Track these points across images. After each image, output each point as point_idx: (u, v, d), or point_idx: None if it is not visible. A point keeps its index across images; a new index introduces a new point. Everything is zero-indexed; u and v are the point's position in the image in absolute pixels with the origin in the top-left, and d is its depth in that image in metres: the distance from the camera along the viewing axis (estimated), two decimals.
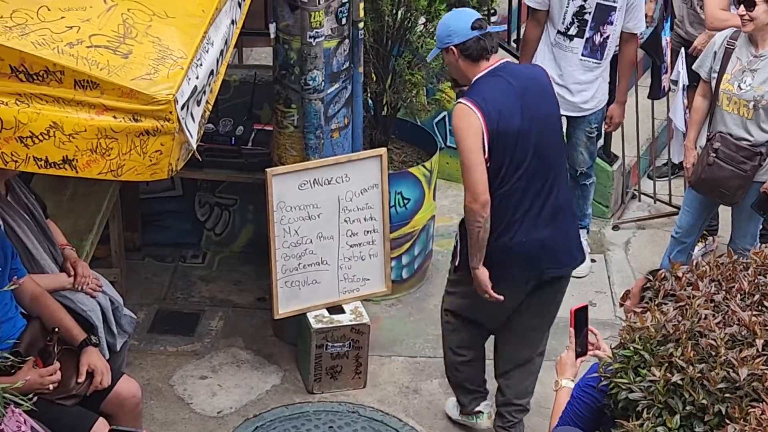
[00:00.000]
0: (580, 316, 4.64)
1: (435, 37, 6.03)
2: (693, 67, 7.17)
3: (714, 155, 6.79)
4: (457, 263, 5.98)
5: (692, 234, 7.20)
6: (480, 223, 5.68)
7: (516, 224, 5.77)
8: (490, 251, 5.76)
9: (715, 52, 6.87)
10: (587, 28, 7.21)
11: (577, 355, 4.66)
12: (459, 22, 5.81)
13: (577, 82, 7.29)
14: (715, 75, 6.83)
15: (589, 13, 7.17)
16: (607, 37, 7.25)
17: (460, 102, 5.71)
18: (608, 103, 7.54)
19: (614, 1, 7.17)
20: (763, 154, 6.73)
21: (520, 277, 5.90)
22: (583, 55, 7.27)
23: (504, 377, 6.24)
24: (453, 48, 5.78)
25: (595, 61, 7.29)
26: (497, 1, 7.34)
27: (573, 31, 7.20)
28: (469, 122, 5.66)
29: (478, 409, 6.41)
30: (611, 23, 7.23)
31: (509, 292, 5.85)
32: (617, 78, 7.49)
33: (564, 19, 7.18)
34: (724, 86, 6.77)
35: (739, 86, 6.71)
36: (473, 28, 5.75)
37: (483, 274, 5.78)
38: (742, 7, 6.58)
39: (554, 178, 5.81)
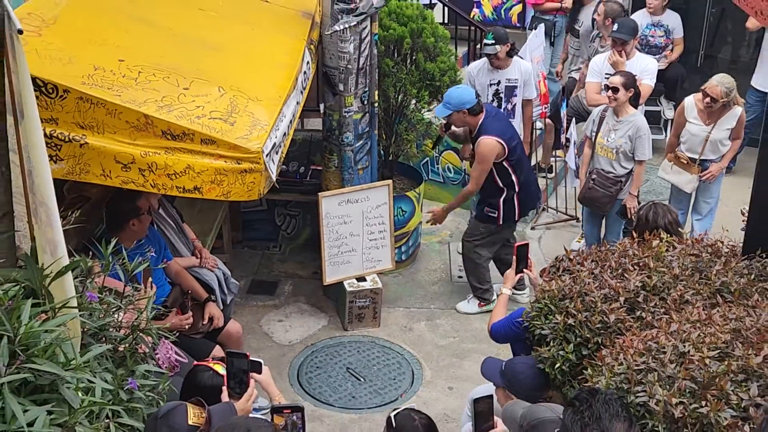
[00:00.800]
0: (522, 250, 4.69)
1: (447, 102, 6.21)
2: (583, 128, 7.16)
3: (592, 182, 6.79)
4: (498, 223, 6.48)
5: (595, 235, 7.16)
6: (472, 194, 6.44)
7: (523, 186, 6.38)
8: (519, 201, 6.43)
9: (594, 120, 6.87)
10: (503, 102, 7.20)
11: (516, 273, 4.69)
12: (469, 95, 6.22)
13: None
14: (594, 133, 6.82)
15: (502, 92, 7.18)
16: (515, 105, 7.25)
17: (488, 138, 6.15)
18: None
19: (515, 82, 7.17)
20: (623, 182, 6.72)
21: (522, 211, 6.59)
22: None
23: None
24: (465, 110, 6.14)
25: (511, 119, 7.23)
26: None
27: (495, 104, 7.17)
28: (492, 150, 6.17)
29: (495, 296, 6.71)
30: (515, 95, 7.22)
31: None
32: (522, 128, 7.44)
33: (488, 99, 7.17)
34: (599, 140, 6.77)
35: (607, 139, 6.71)
36: (476, 96, 6.21)
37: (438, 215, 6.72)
38: (610, 91, 6.59)
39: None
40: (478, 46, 8.61)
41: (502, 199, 6.42)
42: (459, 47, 8.60)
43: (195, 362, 4.07)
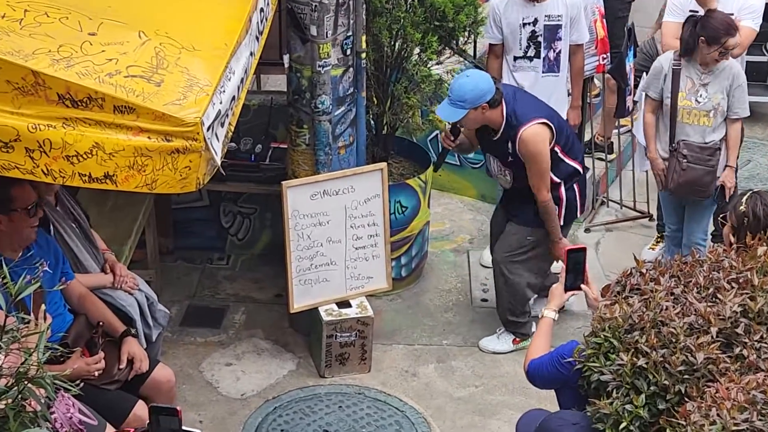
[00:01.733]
0: (573, 257, 4.70)
1: (458, 99, 6.21)
2: (640, 88, 7.20)
3: (685, 161, 6.82)
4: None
5: (680, 228, 7.21)
6: (552, 206, 6.47)
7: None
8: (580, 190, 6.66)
9: (666, 75, 6.88)
10: (542, 48, 7.22)
11: (566, 289, 4.71)
12: (487, 83, 6.26)
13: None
14: (669, 94, 6.84)
15: (540, 35, 7.19)
16: (559, 51, 7.27)
17: (530, 126, 6.26)
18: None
19: (559, 19, 7.19)
20: (720, 148, 6.80)
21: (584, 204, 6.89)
22: (543, 72, 7.27)
23: None
24: (485, 104, 6.20)
25: (554, 74, 7.30)
26: (481, 32, 7.33)
27: (531, 53, 7.20)
28: (544, 139, 6.31)
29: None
30: (560, 39, 7.24)
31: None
32: (570, 85, 7.50)
33: (520, 45, 7.18)
34: (682, 103, 6.79)
35: (696, 100, 6.74)
36: (494, 83, 6.25)
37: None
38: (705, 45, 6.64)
39: None
40: None
41: (564, 189, 6.54)
42: None
43: (108, 425, 4.07)
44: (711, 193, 6.90)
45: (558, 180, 6.49)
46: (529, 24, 7.16)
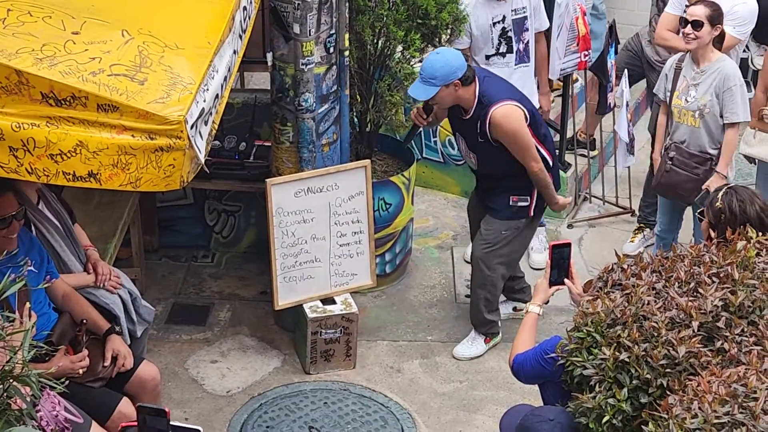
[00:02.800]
0: (558, 252, 4.71)
1: (429, 76, 6.16)
2: (654, 90, 7.18)
3: (670, 163, 6.81)
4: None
5: (672, 231, 7.22)
6: (544, 173, 6.37)
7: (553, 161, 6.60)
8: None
9: (666, 75, 6.89)
10: (513, 42, 7.24)
11: (551, 284, 4.71)
12: (457, 59, 6.24)
13: None
14: (669, 93, 6.85)
15: (510, 30, 7.21)
16: (527, 42, 7.30)
17: (502, 105, 6.22)
18: None
19: (524, 11, 7.23)
20: (714, 159, 6.75)
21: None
22: (515, 64, 7.28)
23: None
24: (457, 81, 6.15)
25: (525, 64, 7.32)
26: (463, 30, 7.32)
27: (503, 49, 7.21)
28: (518, 116, 6.25)
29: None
30: (527, 29, 7.27)
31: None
32: (537, 72, 7.52)
33: (492, 43, 7.19)
34: (675, 102, 6.80)
35: (686, 99, 6.73)
36: (465, 60, 6.23)
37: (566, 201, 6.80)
38: (689, 26, 6.60)
39: None
40: None
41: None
42: None
43: (94, 423, 4.07)
44: (692, 200, 6.86)
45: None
46: (498, 22, 7.19)
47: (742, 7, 7.28)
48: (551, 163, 6.51)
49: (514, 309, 7.15)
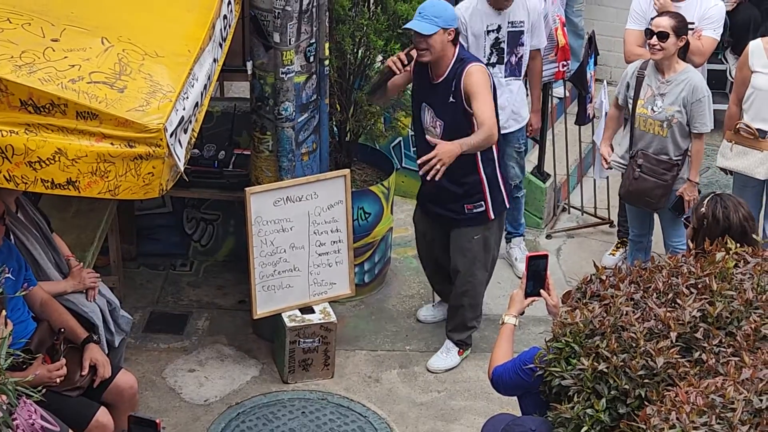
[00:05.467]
0: (535, 263, 4.70)
1: (433, 15, 6.14)
2: (615, 94, 7.22)
3: (639, 170, 6.85)
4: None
5: (645, 234, 7.27)
6: (493, 135, 6.23)
7: (502, 158, 6.74)
8: (504, 180, 6.60)
9: (628, 82, 6.93)
10: (504, 54, 7.23)
11: (527, 295, 4.71)
12: (453, 10, 6.30)
13: (502, 107, 7.31)
14: (631, 101, 6.89)
15: (504, 41, 7.20)
16: (521, 56, 7.29)
17: (478, 64, 6.29)
18: None
19: (521, 25, 7.22)
20: (680, 165, 6.80)
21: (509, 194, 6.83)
22: (505, 76, 7.29)
23: None
24: (453, 30, 6.20)
25: (515, 78, 7.32)
26: None
27: (494, 59, 7.21)
28: (488, 79, 6.28)
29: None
30: (522, 44, 7.26)
31: None
32: (530, 90, 7.54)
33: (484, 51, 7.20)
34: (640, 111, 6.83)
35: (652, 109, 6.77)
36: None
37: None
38: (654, 38, 6.65)
39: None
40: None
41: (485, 179, 6.45)
42: None
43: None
44: (662, 206, 6.92)
45: (479, 160, 6.41)
46: (493, 31, 7.19)
47: (715, 9, 7.41)
48: (496, 159, 6.51)
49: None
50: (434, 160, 5.98)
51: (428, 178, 6.02)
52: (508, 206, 6.73)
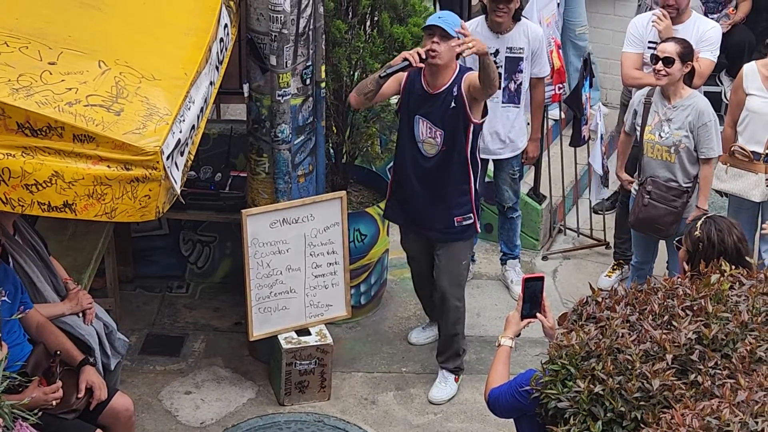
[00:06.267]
0: (531, 285, 4.70)
1: (454, 22, 6.11)
2: (625, 127, 7.20)
3: (648, 197, 6.83)
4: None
5: (648, 262, 7.25)
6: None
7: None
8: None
9: (636, 110, 6.94)
10: (502, 79, 7.21)
11: (523, 317, 4.71)
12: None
13: (497, 132, 7.33)
14: (638, 128, 6.88)
15: (501, 66, 7.21)
16: (520, 83, 7.30)
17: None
18: None
19: (520, 52, 7.22)
20: (690, 191, 6.80)
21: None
22: (503, 102, 7.30)
23: None
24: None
25: (514, 105, 7.33)
26: None
27: None
28: None
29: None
30: (521, 71, 7.27)
31: None
32: (530, 118, 7.55)
33: None
34: (647, 137, 6.82)
35: (659, 135, 6.77)
36: None
37: None
38: (660, 63, 6.66)
39: None
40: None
41: (472, 190, 6.45)
42: (439, 4, 8.64)
43: None
44: (672, 233, 6.88)
45: (470, 169, 6.38)
46: (490, 55, 7.20)
47: (713, 31, 7.44)
48: (478, 170, 6.51)
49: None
50: (471, 40, 5.96)
51: (459, 50, 6.00)
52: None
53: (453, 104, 6.27)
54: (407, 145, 6.46)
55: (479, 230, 6.64)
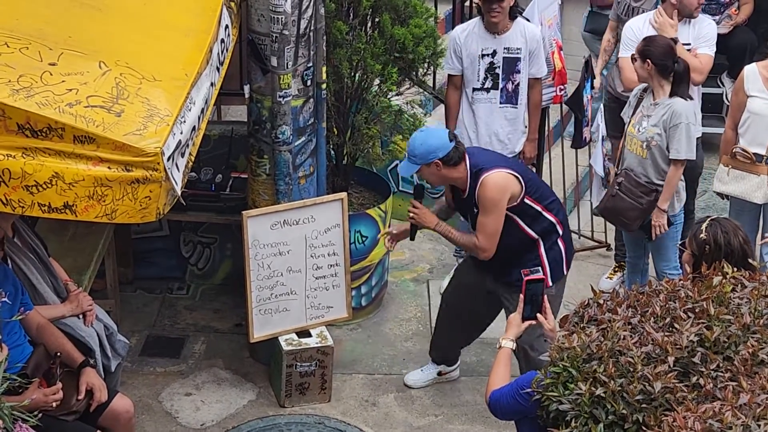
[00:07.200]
0: (532, 288, 4.71)
1: (410, 153, 5.92)
2: (621, 114, 7.23)
3: (617, 188, 6.86)
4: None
5: (640, 256, 7.27)
6: (485, 255, 5.99)
7: (563, 221, 6.25)
8: (565, 243, 6.21)
9: (630, 101, 6.98)
10: (500, 80, 7.23)
11: (524, 319, 4.72)
12: (438, 139, 5.90)
13: (496, 133, 7.32)
14: (627, 121, 6.92)
15: (499, 66, 7.21)
16: (518, 84, 7.30)
17: (494, 173, 5.86)
18: None
19: (518, 52, 7.22)
20: (659, 192, 6.79)
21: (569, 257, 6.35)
22: (501, 103, 7.29)
23: None
24: (437, 161, 5.87)
25: (512, 106, 7.33)
26: (440, 64, 7.35)
27: (488, 84, 7.23)
28: (506, 187, 5.88)
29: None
30: (518, 71, 7.26)
31: None
32: (528, 119, 7.55)
33: (478, 76, 7.21)
34: (629, 129, 6.88)
35: (638, 129, 6.79)
36: (450, 140, 5.89)
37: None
38: (638, 62, 6.71)
39: None
40: (467, 1, 8.67)
41: (543, 250, 6.09)
42: (440, 5, 8.64)
43: None
44: (635, 228, 6.89)
45: (534, 236, 6.04)
46: (487, 55, 7.20)
47: (709, 27, 7.49)
48: (559, 228, 6.13)
49: (439, 374, 6.89)
50: (416, 211, 6.06)
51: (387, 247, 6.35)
52: (565, 276, 6.30)
53: (476, 209, 5.99)
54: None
55: (550, 284, 6.06)
